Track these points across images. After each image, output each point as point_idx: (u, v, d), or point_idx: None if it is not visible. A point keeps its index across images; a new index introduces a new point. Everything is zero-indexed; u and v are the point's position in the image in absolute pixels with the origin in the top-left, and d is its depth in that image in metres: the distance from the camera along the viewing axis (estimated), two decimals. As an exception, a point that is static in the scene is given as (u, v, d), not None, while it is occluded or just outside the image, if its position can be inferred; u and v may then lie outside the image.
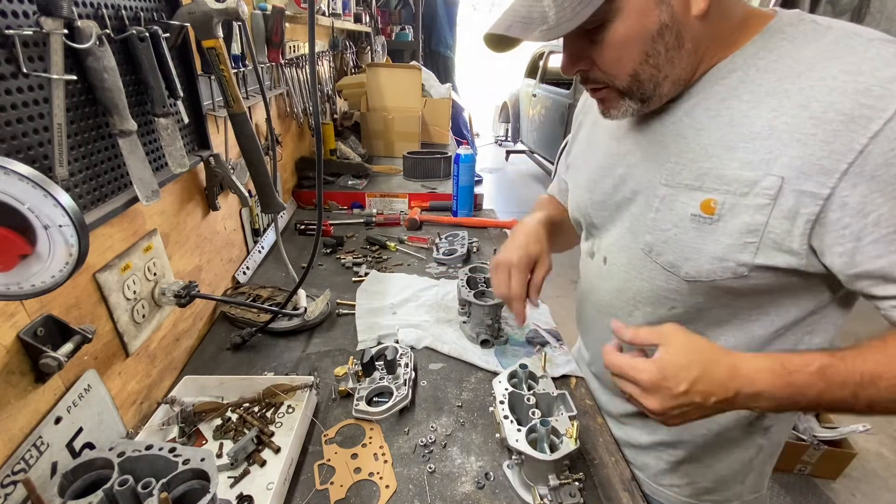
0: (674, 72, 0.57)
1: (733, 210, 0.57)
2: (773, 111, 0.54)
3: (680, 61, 0.57)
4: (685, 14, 0.53)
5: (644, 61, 0.56)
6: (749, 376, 0.54)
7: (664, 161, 0.63)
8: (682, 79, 0.59)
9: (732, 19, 0.57)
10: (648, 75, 0.57)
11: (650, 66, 0.56)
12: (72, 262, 0.51)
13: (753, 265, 0.57)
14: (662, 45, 0.55)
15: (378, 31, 3.85)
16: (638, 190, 0.67)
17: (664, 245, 0.64)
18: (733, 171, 0.56)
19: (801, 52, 0.53)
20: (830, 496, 1.90)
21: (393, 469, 0.73)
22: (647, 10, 0.52)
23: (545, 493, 0.68)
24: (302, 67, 1.71)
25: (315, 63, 0.79)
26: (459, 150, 1.63)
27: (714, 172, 0.58)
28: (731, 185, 0.56)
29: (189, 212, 1.01)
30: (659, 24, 0.53)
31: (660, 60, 0.56)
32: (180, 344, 0.97)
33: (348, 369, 0.89)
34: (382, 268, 1.37)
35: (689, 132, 0.61)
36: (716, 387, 0.54)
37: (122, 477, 0.53)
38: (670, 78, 0.58)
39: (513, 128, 6.62)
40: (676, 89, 0.60)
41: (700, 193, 0.59)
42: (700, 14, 0.53)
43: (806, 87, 0.52)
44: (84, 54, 0.63)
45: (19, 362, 0.58)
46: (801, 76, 0.52)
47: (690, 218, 0.60)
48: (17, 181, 0.47)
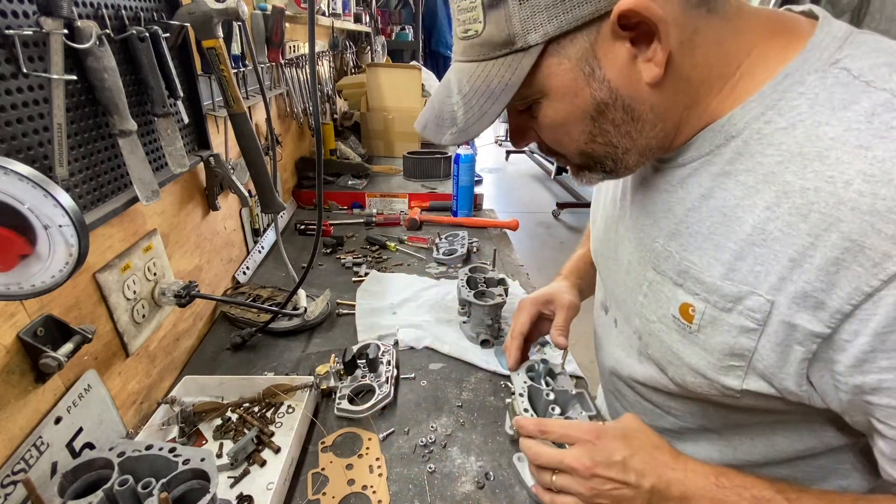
0: (637, 144, 0.48)
1: (714, 324, 0.47)
2: (768, 209, 0.42)
3: (642, 133, 0.47)
4: (632, 86, 0.43)
5: (590, 140, 0.48)
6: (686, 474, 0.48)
7: (654, 239, 0.54)
8: (657, 145, 0.49)
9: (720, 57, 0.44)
10: (602, 153, 0.49)
11: (600, 144, 0.48)
12: (72, 262, 0.51)
13: (742, 390, 0.48)
14: (608, 123, 0.46)
15: (378, 31, 3.85)
16: (630, 262, 0.58)
17: (650, 337, 0.56)
18: (714, 278, 0.46)
19: (821, 127, 0.39)
20: (830, 496, 1.90)
21: (388, 483, 0.72)
22: (575, 90, 0.44)
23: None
24: (302, 67, 1.71)
25: (315, 63, 0.79)
26: (459, 150, 1.63)
27: (694, 272, 0.48)
28: (711, 295, 0.47)
29: (189, 212, 1.01)
30: (595, 103, 0.44)
31: (610, 138, 0.47)
32: (180, 344, 0.97)
33: (329, 368, 0.89)
34: (382, 268, 1.37)
35: (679, 210, 0.50)
36: (651, 468, 0.49)
37: (122, 477, 0.53)
38: (634, 150, 0.48)
39: (513, 128, 6.62)
40: (649, 157, 0.51)
41: (681, 292, 0.49)
42: (653, 82, 0.42)
43: (811, 186, 0.39)
44: (84, 54, 0.63)
45: (19, 362, 0.58)
46: (809, 167, 0.39)
47: (672, 318, 0.51)
48: (17, 181, 0.47)
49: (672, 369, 0.53)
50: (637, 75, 0.43)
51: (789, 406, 0.48)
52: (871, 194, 0.35)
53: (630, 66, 0.42)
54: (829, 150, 0.38)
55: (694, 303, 0.48)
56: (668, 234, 0.52)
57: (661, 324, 0.53)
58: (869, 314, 0.37)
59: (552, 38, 0.42)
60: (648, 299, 0.55)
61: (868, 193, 0.36)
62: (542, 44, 0.42)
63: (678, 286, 0.50)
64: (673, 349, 0.52)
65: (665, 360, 0.54)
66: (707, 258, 0.47)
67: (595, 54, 0.42)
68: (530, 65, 0.43)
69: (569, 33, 0.41)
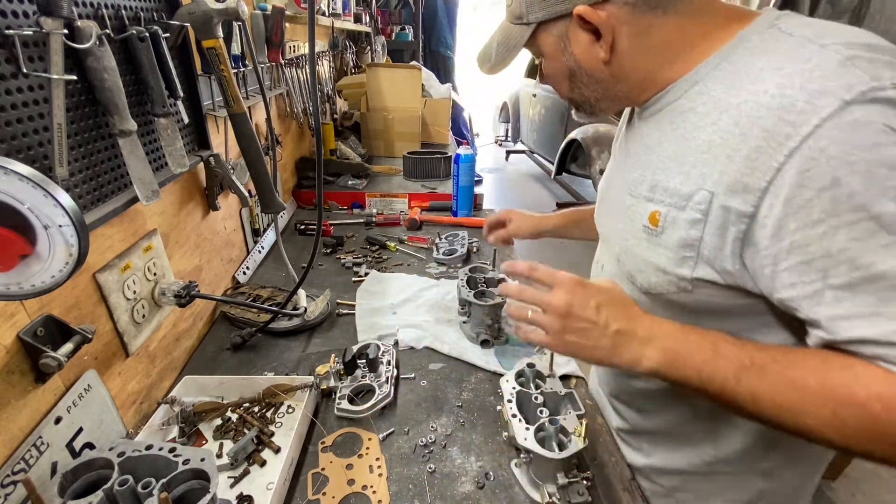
0: (606, 94, 0.65)
1: (674, 223, 0.57)
2: (714, 125, 0.53)
3: (607, 89, 0.64)
4: (590, 59, 0.61)
5: (570, 91, 0.67)
6: (654, 321, 0.57)
7: (632, 171, 0.66)
8: (624, 96, 0.65)
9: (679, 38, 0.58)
10: (581, 100, 0.68)
11: (577, 94, 0.67)
12: (72, 262, 0.51)
13: (693, 278, 0.56)
14: (579, 82, 0.64)
15: (378, 31, 3.85)
16: (615, 200, 0.71)
17: (626, 255, 0.66)
18: (675, 184, 0.57)
19: (755, 62, 0.52)
20: (830, 496, 1.90)
21: (388, 483, 0.72)
22: (556, 56, 0.64)
23: (553, 491, 0.69)
24: (302, 67, 1.71)
25: (315, 63, 0.79)
26: (459, 150, 1.63)
27: (662, 185, 0.59)
28: (672, 198, 0.57)
29: (189, 212, 1.01)
30: (568, 68, 0.64)
31: (584, 91, 0.65)
32: (180, 344, 0.97)
33: (329, 367, 0.89)
34: (382, 268, 1.37)
35: (654, 143, 0.62)
36: (622, 314, 0.57)
37: (122, 477, 0.53)
38: (605, 99, 0.66)
39: (513, 128, 6.62)
40: (623, 104, 0.68)
41: (651, 205, 0.60)
42: (604, 60, 0.60)
43: (742, 101, 0.50)
44: (84, 54, 0.63)
45: (19, 362, 0.58)
46: (743, 90, 0.51)
47: (642, 229, 0.61)
48: (17, 181, 0.47)
49: (641, 277, 0.63)
50: (595, 54, 0.60)
51: (732, 304, 0.57)
52: (781, 95, 0.47)
53: (590, 47, 0.60)
54: (759, 75, 0.50)
55: (659, 209, 0.59)
56: (644, 163, 0.63)
57: (634, 239, 0.63)
58: (779, 186, 0.47)
59: (541, 21, 0.62)
60: (625, 223, 0.66)
61: (779, 95, 0.47)
62: (535, 23, 0.62)
63: (649, 201, 0.61)
64: (642, 256, 0.62)
65: (636, 270, 0.64)
66: (671, 173, 0.58)
67: (567, 36, 0.61)
68: (528, 34, 0.63)
69: (552, 20, 0.61)
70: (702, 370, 0.52)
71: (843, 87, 0.44)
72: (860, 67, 0.44)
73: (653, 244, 0.60)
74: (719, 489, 0.70)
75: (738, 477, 0.68)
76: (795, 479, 0.68)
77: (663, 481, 0.75)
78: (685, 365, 0.54)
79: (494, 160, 6.75)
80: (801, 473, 0.68)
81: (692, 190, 0.54)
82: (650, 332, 0.56)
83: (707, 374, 0.52)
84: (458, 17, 5.84)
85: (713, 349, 0.53)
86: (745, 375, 0.50)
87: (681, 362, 0.54)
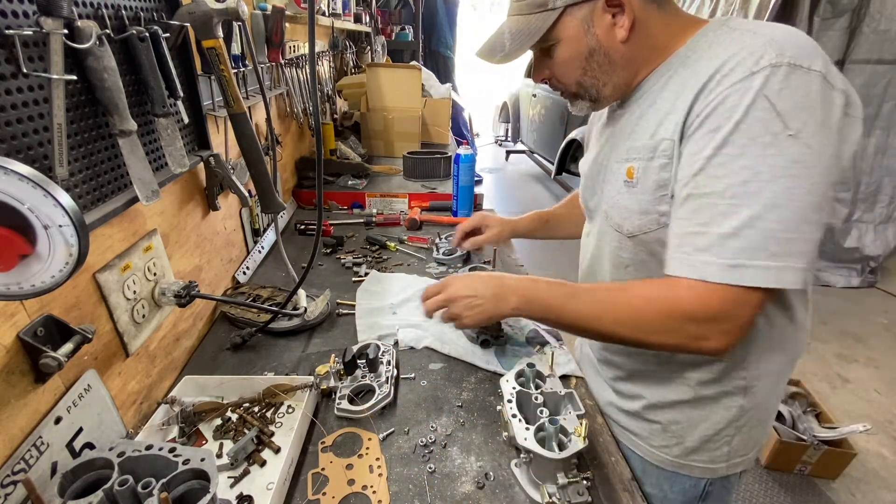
0: (612, 80, 0.73)
1: (646, 172, 0.70)
2: (676, 94, 0.66)
3: (615, 73, 0.72)
4: (610, 40, 0.69)
5: (584, 74, 0.73)
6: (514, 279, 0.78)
7: (617, 145, 0.77)
8: (623, 83, 0.74)
9: (665, 32, 0.70)
10: (590, 84, 0.74)
11: (589, 77, 0.74)
12: (72, 262, 0.51)
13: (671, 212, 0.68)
14: (595, 63, 0.72)
15: (378, 31, 3.85)
16: (606, 171, 0.80)
17: (613, 210, 0.77)
18: (643, 141, 0.70)
19: (711, 48, 0.65)
20: (830, 496, 1.90)
21: (388, 483, 0.72)
22: (578, 38, 0.70)
23: (554, 491, 0.69)
24: (302, 67, 1.71)
25: (315, 63, 0.79)
26: (459, 150, 1.63)
27: (636, 145, 0.72)
28: (641, 153, 0.70)
29: (189, 212, 1.01)
30: (588, 48, 0.71)
31: (596, 73, 0.73)
32: (180, 344, 0.97)
33: (329, 368, 0.89)
34: (382, 268, 1.37)
35: (636, 119, 0.74)
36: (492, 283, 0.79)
37: (122, 477, 0.53)
38: (610, 84, 0.74)
39: (513, 128, 6.62)
40: (620, 91, 0.76)
41: (627, 163, 0.73)
42: (623, 40, 0.69)
43: (694, 72, 0.65)
44: (84, 54, 0.63)
45: (19, 362, 0.58)
46: (697, 65, 0.65)
47: (623, 183, 0.74)
48: (17, 181, 0.47)
49: (627, 223, 0.75)
50: (614, 34, 0.69)
51: None
52: (720, 65, 0.61)
53: (610, 28, 0.69)
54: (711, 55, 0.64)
55: (634, 164, 0.72)
56: (626, 135, 0.75)
57: (618, 195, 0.76)
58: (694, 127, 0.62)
59: (569, 4, 0.68)
60: (609, 184, 0.78)
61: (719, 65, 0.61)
62: (563, 7, 0.69)
63: (626, 161, 0.73)
64: (625, 206, 0.74)
65: (622, 219, 0.76)
66: (643, 136, 0.71)
67: (592, 18, 0.69)
68: (554, 18, 0.69)
69: (579, 3, 0.68)
70: (545, 303, 0.74)
71: (753, 61, 0.58)
72: (774, 48, 0.58)
73: (633, 194, 0.72)
74: (707, 413, 0.78)
75: (720, 400, 0.76)
76: (766, 392, 0.77)
77: (659, 416, 0.82)
78: (535, 301, 0.74)
79: (494, 160, 6.75)
80: (769, 388, 0.77)
81: (657, 142, 0.68)
82: (511, 287, 0.77)
83: (548, 304, 0.73)
84: (458, 17, 5.85)
85: (549, 288, 0.74)
86: (569, 300, 0.72)
87: (532, 301, 0.75)
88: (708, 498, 0.85)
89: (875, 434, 2.17)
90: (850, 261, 3.38)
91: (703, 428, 0.79)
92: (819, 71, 0.57)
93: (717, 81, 0.60)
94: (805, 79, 0.56)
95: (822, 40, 3.01)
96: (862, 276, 3.37)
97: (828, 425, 1.98)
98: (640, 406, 0.85)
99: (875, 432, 2.18)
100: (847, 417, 2.25)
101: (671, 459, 0.83)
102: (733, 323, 0.61)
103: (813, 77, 0.57)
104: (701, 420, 0.79)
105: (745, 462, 0.82)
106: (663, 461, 0.84)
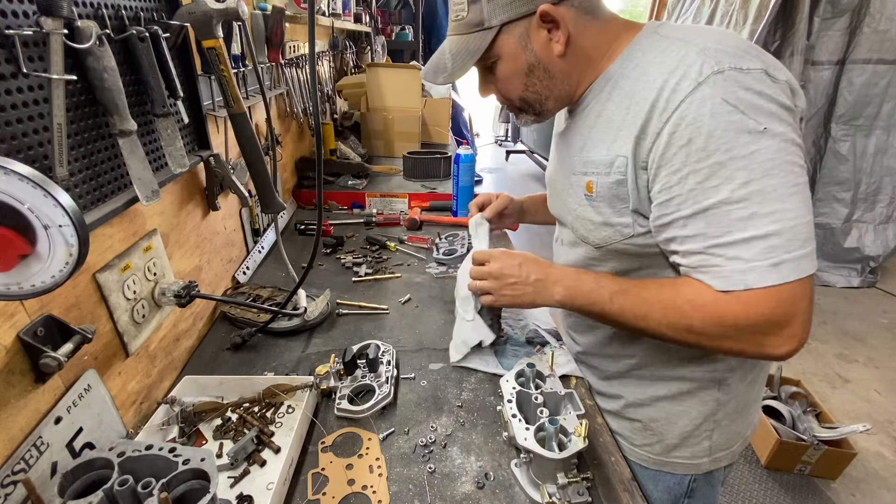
0: (553, 93, 0.75)
1: (603, 187, 0.71)
2: (625, 108, 0.67)
3: (555, 86, 0.74)
4: (548, 54, 0.70)
5: (525, 89, 0.75)
6: (559, 269, 0.80)
7: (572, 156, 0.79)
8: (566, 95, 0.76)
9: (601, 42, 0.72)
10: (533, 98, 0.76)
11: (531, 92, 0.75)
12: (72, 262, 0.51)
13: (631, 223, 0.70)
14: (536, 78, 0.73)
15: (378, 31, 3.85)
16: (564, 181, 0.82)
17: (576, 221, 0.79)
18: (601, 156, 0.71)
19: (646, 59, 0.67)
20: (830, 496, 1.90)
21: (388, 483, 0.72)
22: (517, 55, 0.71)
23: (554, 491, 0.69)
24: (302, 67, 1.71)
25: (315, 63, 0.79)
26: (459, 150, 1.63)
27: (591, 159, 0.73)
28: (598, 168, 0.71)
29: (189, 212, 1.01)
30: (527, 64, 0.72)
31: (538, 88, 0.74)
32: (180, 344, 0.97)
33: (329, 368, 0.89)
34: (382, 268, 1.37)
35: (585, 130, 0.75)
36: (537, 269, 0.80)
37: (122, 477, 0.53)
38: (552, 98, 0.75)
39: (513, 128, 6.62)
40: (563, 103, 0.78)
41: (585, 177, 0.74)
42: (560, 54, 0.70)
43: (640, 88, 0.65)
44: (84, 54, 0.63)
45: (19, 362, 0.58)
46: (640, 79, 0.66)
47: (584, 197, 0.75)
48: (17, 181, 0.47)
49: (592, 235, 0.76)
50: (551, 49, 0.70)
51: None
52: (662, 81, 0.62)
53: (547, 43, 0.70)
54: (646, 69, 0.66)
55: (592, 178, 0.73)
56: (579, 148, 0.76)
57: (580, 207, 0.77)
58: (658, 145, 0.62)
59: (505, 23, 0.69)
60: (571, 196, 0.79)
61: (660, 81, 0.62)
62: (498, 26, 0.69)
63: (584, 175, 0.75)
64: (588, 218, 0.76)
65: (586, 231, 0.77)
66: (597, 150, 0.72)
67: (528, 34, 0.70)
68: (491, 37, 0.70)
69: (514, 21, 0.69)
70: (590, 297, 0.74)
71: (696, 72, 0.59)
72: (711, 57, 0.59)
73: (594, 206, 0.74)
74: (685, 409, 0.80)
75: (697, 394, 0.78)
76: (741, 383, 0.78)
77: (639, 415, 0.85)
78: (580, 294, 0.75)
79: (494, 160, 6.75)
80: (744, 379, 0.79)
81: (611, 157, 0.69)
82: (556, 277, 0.78)
83: (594, 299, 0.74)
84: (458, 17, 5.84)
85: (596, 282, 0.74)
86: (616, 296, 0.71)
87: (577, 294, 0.76)
88: (694, 494, 0.86)
89: (875, 434, 2.17)
90: (850, 261, 3.38)
91: (682, 424, 0.80)
92: (759, 69, 0.59)
93: (667, 99, 0.61)
94: (749, 79, 0.58)
95: (822, 40, 3.02)
96: (862, 276, 3.37)
97: (828, 425, 1.98)
98: (620, 405, 0.87)
99: (875, 432, 2.18)
100: (847, 417, 2.25)
101: (654, 458, 0.85)
102: (797, 322, 0.59)
103: (755, 76, 0.58)
104: (679, 416, 0.80)
105: (728, 456, 0.83)
106: (647, 460, 0.86)
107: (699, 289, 0.63)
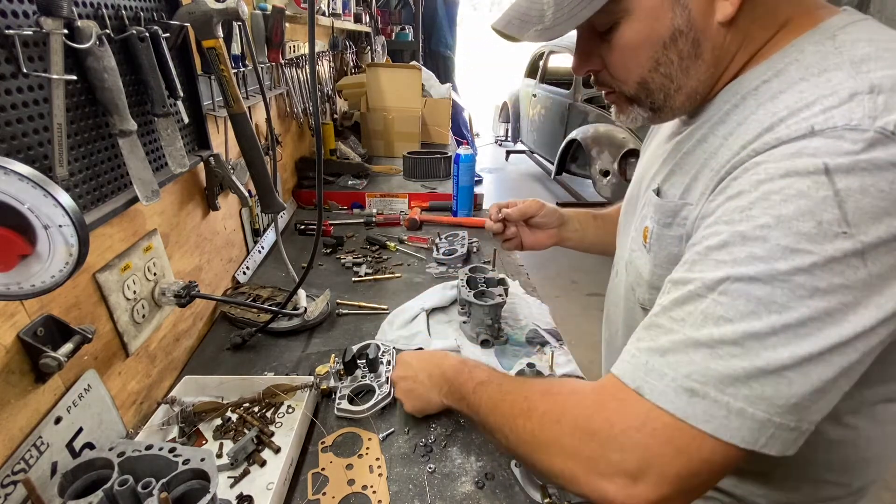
0: (689, 84, 0.51)
1: (659, 241, 0.55)
2: (722, 145, 0.49)
3: (696, 73, 0.50)
4: (706, 20, 0.47)
5: (653, 69, 0.51)
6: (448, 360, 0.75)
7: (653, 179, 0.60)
8: (699, 92, 0.53)
9: (770, 26, 0.49)
10: (658, 84, 0.52)
11: (660, 74, 0.51)
12: (72, 262, 0.51)
13: None
14: (675, 53, 0.49)
15: (378, 31, 3.85)
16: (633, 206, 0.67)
17: (630, 265, 0.64)
18: (667, 197, 0.54)
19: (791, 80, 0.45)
20: (830, 496, 1.89)
21: (388, 483, 0.72)
22: (659, 13, 0.47)
23: (553, 491, 0.69)
24: (302, 67, 1.71)
25: (315, 63, 0.79)
26: (459, 150, 1.63)
27: (656, 199, 0.56)
28: (659, 215, 0.55)
29: (189, 212, 1.01)
30: (672, 30, 0.48)
31: (672, 70, 0.50)
32: (180, 344, 0.97)
33: (329, 368, 0.89)
34: (382, 268, 1.37)
35: (681, 156, 0.56)
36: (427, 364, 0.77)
37: (122, 477, 0.53)
38: (684, 90, 0.52)
39: (513, 128, 6.62)
40: (692, 104, 0.54)
41: (646, 221, 0.58)
42: (725, 20, 0.47)
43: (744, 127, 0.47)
44: (84, 54, 0.63)
45: (19, 362, 0.58)
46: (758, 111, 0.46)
47: (640, 243, 0.59)
48: (17, 181, 0.47)
49: (638, 290, 0.61)
50: (712, 12, 0.47)
51: None
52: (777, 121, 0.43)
53: (710, 1, 0.47)
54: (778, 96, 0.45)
55: (649, 224, 0.57)
56: (666, 174, 0.57)
57: (633, 252, 0.62)
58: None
59: None
60: (632, 233, 0.64)
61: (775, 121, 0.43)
62: None
63: (645, 217, 0.59)
64: (638, 269, 0.60)
65: (635, 282, 0.62)
66: (671, 188, 0.54)
67: None
68: None
69: None
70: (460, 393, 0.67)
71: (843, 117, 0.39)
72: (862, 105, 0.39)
73: (646, 258, 0.58)
74: None
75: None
76: None
77: None
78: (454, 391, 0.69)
79: (494, 160, 6.75)
80: None
81: (677, 206, 0.53)
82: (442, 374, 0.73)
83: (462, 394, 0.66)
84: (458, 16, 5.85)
85: (469, 374, 0.67)
86: (477, 389, 0.63)
87: (453, 391, 0.70)
88: None
89: (875, 434, 2.17)
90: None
91: None
92: None
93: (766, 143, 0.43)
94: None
95: (823, 40, 3.01)
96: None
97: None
98: None
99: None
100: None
101: None
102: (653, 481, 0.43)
103: None
104: None
105: None
106: None
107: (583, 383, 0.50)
